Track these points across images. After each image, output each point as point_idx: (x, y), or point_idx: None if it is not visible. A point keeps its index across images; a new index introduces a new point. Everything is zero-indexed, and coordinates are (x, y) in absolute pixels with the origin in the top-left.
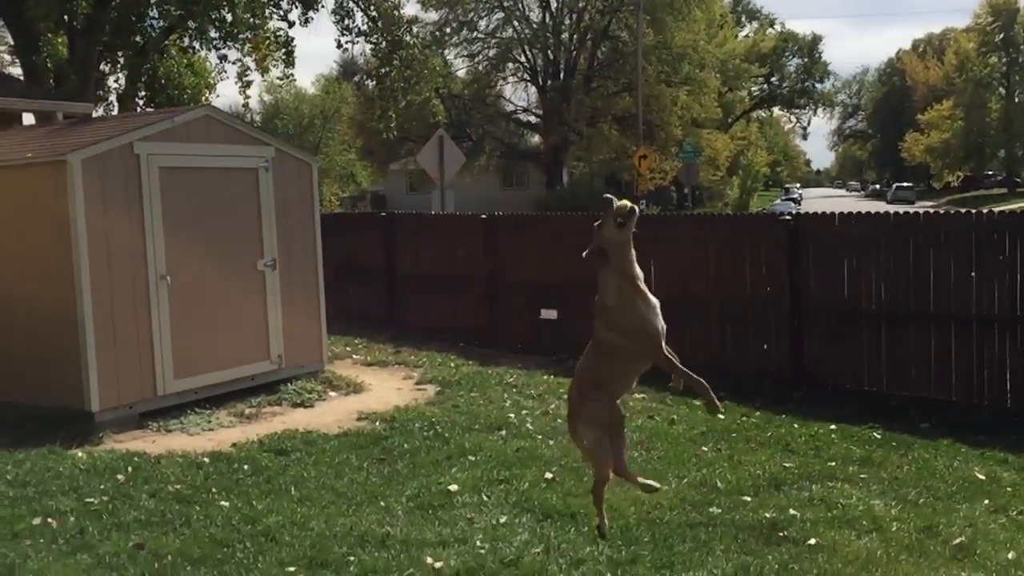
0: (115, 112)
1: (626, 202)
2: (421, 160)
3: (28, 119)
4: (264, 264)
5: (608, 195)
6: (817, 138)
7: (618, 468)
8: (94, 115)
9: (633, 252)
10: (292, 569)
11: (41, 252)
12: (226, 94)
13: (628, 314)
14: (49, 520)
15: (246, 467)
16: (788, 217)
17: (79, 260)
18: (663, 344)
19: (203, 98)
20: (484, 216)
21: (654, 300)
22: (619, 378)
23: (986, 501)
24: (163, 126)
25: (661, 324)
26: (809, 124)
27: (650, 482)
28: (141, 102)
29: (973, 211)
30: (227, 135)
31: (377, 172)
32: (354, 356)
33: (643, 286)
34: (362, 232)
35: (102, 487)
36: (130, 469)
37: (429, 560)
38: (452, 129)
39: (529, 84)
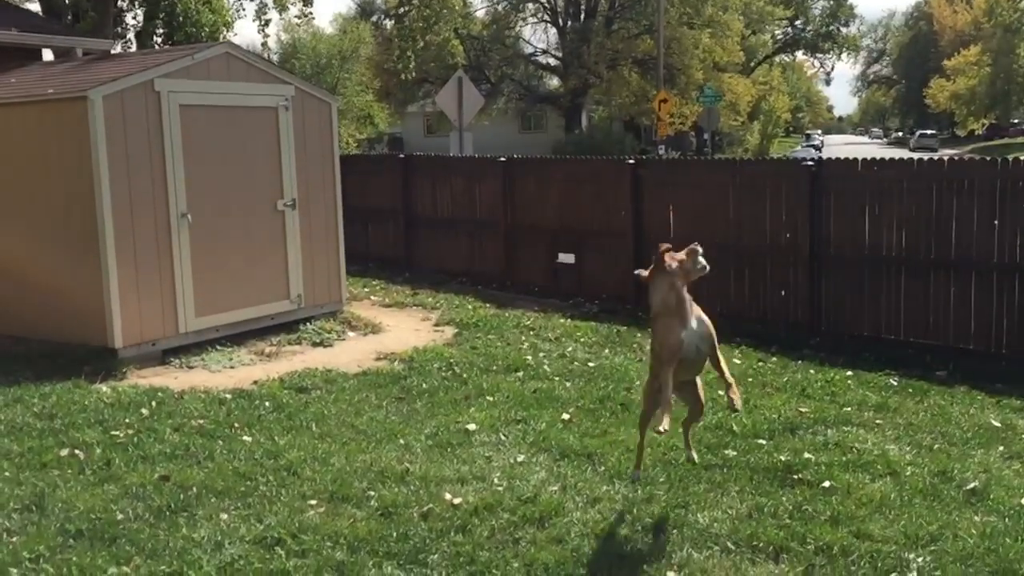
0: (133, 49)
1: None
2: (440, 101)
3: (47, 55)
4: (284, 204)
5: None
6: (840, 84)
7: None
8: (113, 52)
9: (679, 289)
10: (314, 502)
11: (63, 189)
12: (244, 33)
13: (655, 332)
14: (76, 451)
15: (267, 404)
16: (810, 162)
17: (101, 197)
18: (669, 368)
19: (221, 36)
20: (503, 159)
21: (694, 322)
22: (658, 370)
23: (1001, 448)
24: (183, 63)
25: (690, 340)
26: (833, 69)
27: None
28: (159, 39)
29: (999, 158)
30: (247, 73)
31: (394, 114)
32: (372, 297)
33: (685, 309)
34: (380, 174)
35: (127, 420)
36: (154, 404)
37: (448, 496)
38: (471, 71)
39: (549, 25)
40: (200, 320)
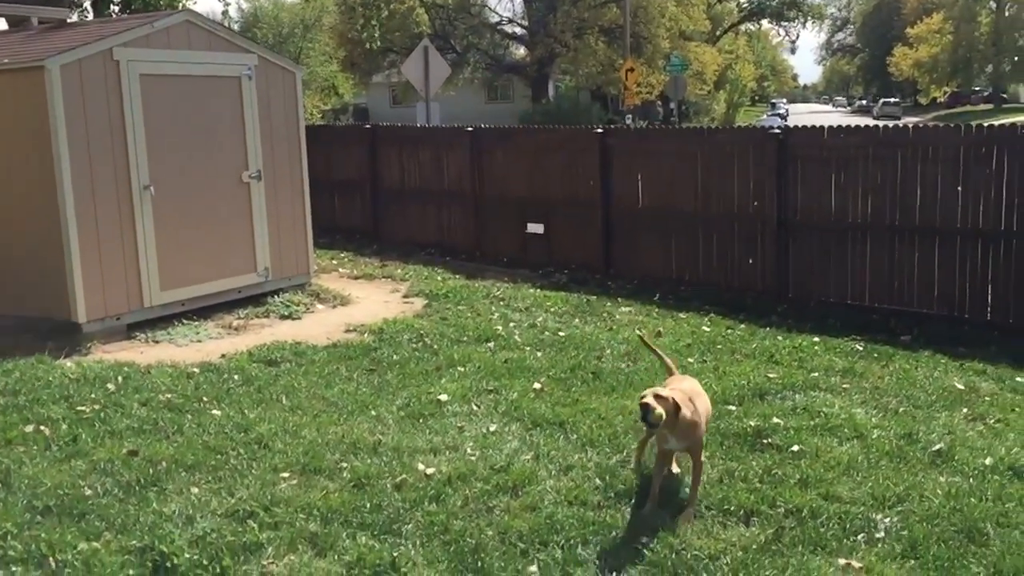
0: (90, 18)
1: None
2: (406, 71)
3: (1, 24)
4: (249, 175)
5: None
6: (805, 52)
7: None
8: (69, 21)
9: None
10: (286, 475)
11: (22, 161)
12: (204, 1)
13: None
14: (41, 427)
15: (236, 377)
16: (777, 130)
17: (60, 169)
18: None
19: (180, 5)
20: (471, 129)
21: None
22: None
23: (964, 410)
24: (143, 31)
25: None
26: (798, 38)
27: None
28: (116, 8)
29: (962, 125)
30: (209, 41)
31: (359, 84)
32: (340, 270)
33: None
34: (346, 145)
35: (93, 396)
36: (120, 379)
37: (421, 466)
38: (436, 40)
39: None
40: (165, 294)
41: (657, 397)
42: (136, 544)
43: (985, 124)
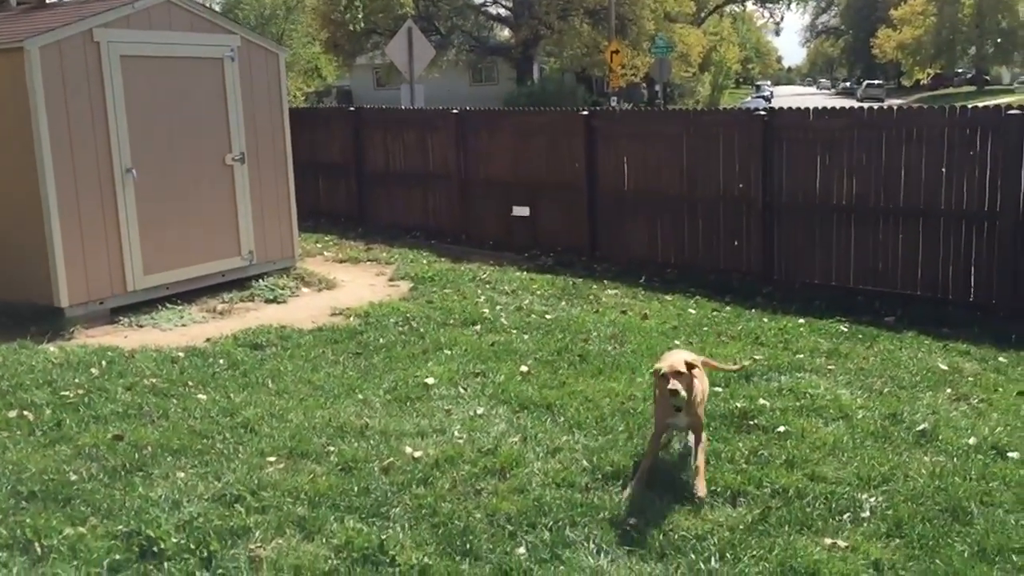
0: None
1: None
2: (390, 52)
3: None
4: (232, 158)
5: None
6: (789, 34)
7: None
8: (48, 1)
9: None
10: (273, 459)
11: (2, 144)
12: None
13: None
14: (25, 413)
15: (221, 361)
16: (762, 112)
17: (41, 153)
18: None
19: None
20: (456, 111)
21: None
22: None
23: (948, 390)
24: (123, 12)
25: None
26: (782, 20)
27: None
28: None
29: (946, 107)
30: (190, 22)
31: (343, 66)
32: (325, 253)
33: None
34: (330, 127)
35: (77, 381)
36: (104, 363)
37: (408, 450)
38: (420, 22)
39: None
40: (149, 278)
41: (677, 375)
42: (122, 529)
43: (969, 106)
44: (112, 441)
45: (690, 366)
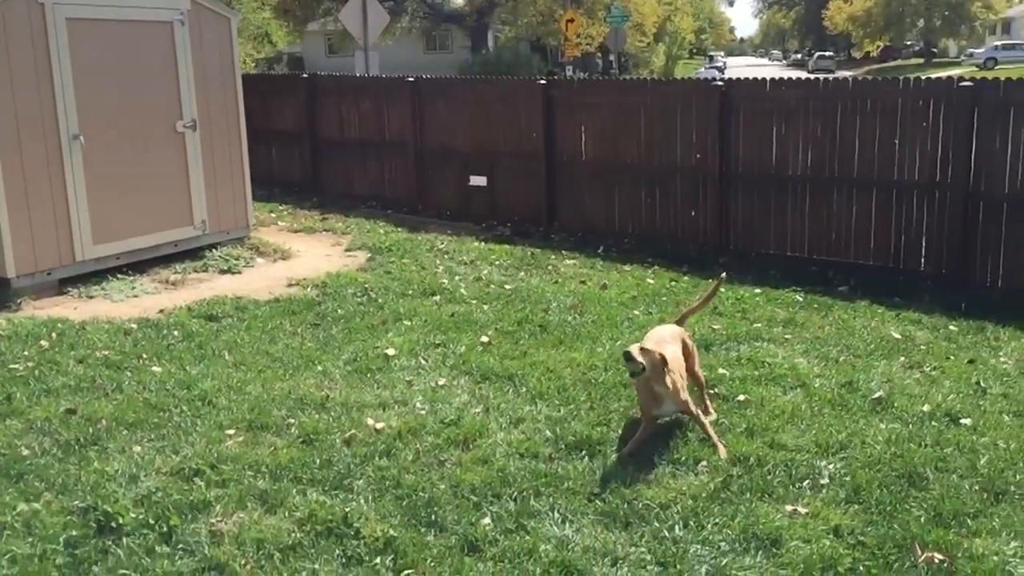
0: None
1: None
2: (343, 18)
3: None
4: (184, 125)
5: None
6: (742, 5)
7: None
8: None
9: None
10: (232, 432)
11: None
12: None
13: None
14: None
15: (176, 333)
16: (719, 82)
17: None
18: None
19: None
20: (412, 79)
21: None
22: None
23: (902, 358)
24: None
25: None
26: None
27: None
28: None
29: (900, 78)
30: None
31: (294, 32)
32: (279, 223)
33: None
34: (283, 94)
35: (26, 353)
36: (54, 335)
37: (370, 421)
38: None
39: None
40: (98, 248)
41: (642, 351)
42: (79, 504)
43: (922, 77)
44: (65, 415)
45: (663, 358)
